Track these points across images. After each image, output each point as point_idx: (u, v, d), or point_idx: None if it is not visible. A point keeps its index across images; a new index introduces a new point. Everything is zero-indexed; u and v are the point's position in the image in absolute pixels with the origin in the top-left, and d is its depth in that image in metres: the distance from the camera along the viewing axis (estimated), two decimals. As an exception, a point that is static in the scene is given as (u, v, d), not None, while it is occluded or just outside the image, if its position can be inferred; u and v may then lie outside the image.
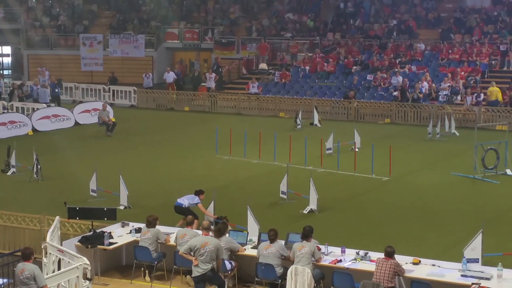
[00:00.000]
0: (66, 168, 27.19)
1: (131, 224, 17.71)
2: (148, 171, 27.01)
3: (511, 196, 22.97)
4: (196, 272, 14.70)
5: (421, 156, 29.66)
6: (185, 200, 20.09)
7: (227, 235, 15.95)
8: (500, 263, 14.24)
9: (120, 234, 17.16)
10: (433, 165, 28.03)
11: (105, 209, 17.82)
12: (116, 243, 16.69)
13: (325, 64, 45.29)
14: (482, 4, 47.94)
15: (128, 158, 29.41)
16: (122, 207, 21.33)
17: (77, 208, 17.78)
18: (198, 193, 20.38)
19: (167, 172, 26.91)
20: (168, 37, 53.44)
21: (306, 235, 15.04)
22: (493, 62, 41.98)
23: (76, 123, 38.09)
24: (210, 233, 15.26)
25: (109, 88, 46.32)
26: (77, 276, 13.93)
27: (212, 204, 18.65)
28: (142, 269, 16.53)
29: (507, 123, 31.87)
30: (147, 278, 16.42)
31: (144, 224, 16.73)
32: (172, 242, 16.40)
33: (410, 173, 26.43)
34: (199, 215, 18.76)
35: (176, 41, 53.30)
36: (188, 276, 15.88)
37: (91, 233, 16.84)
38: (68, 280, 13.95)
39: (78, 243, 16.53)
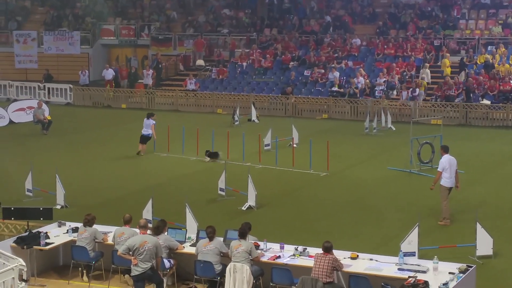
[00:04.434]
0: (0, 168, 26.73)
1: (68, 223, 17.47)
2: (85, 169, 26.74)
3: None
4: (135, 271, 14.59)
5: (358, 151, 29.92)
6: (148, 130, 28.41)
7: (165, 233, 15.86)
8: (436, 256, 14.42)
9: (57, 234, 16.91)
10: (370, 159, 28.32)
11: (41, 208, 17.57)
12: (52, 243, 16.44)
13: (263, 60, 45.39)
14: (416, 0, 48.54)
15: (65, 156, 29.08)
16: (58, 207, 21.06)
17: (12, 208, 17.50)
18: (149, 116, 28.81)
19: (104, 170, 26.68)
20: (104, 34, 52.90)
21: (243, 233, 15.02)
22: (427, 57, 42.55)
23: (11, 122, 37.55)
24: (148, 231, 15.16)
25: (44, 85, 45.73)
26: (13, 278, 13.67)
27: (150, 202, 18.52)
28: (80, 269, 16.34)
29: (441, 117, 32.34)
30: (85, 278, 16.23)
31: (81, 224, 16.53)
32: (110, 241, 16.23)
33: (348, 168, 26.65)
34: (137, 213, 18.52)
35: (112, 38, 52.77)
36: (126, 275, 15.75)
37: (27, 233, 16.56)
38: (3, 282, 13.68)
39: (14, 244, 16.23)
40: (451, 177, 19.72)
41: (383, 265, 14.61)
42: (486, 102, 36.90)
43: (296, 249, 15.42)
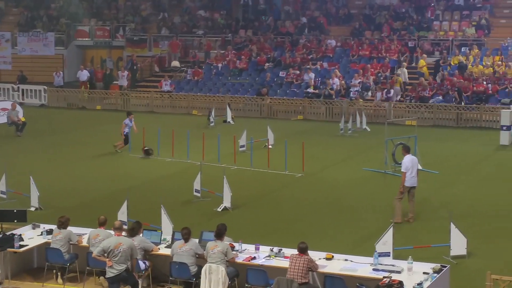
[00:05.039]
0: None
1: (42, 225, 17.38)
2: (59, 171, 26.61)
3: (421, 190, 23.30)
4: (110, 273, 14.53)
5: (333, 152, 30.01)
6: (126, 129, 29.43)
7: (140, 234, 15.82)
8: (410, 256, 14.48)
9: (31, 236, 16.82)
10: (345, 160, 28.41)
11: (15, 211, 17.48)
12: (27, 245, 16.34)
13: (238, 61, 45.40)
14: (391, 1, 48.76)
15: (39, 158, 28.93)
16: (33, 209, 20.95)
17: (-14, 211, 17.39)
18: (128, 114, 30.26)
19: (79, 172, 26.55)
20: (79, 35, 52.66)
21: (219, 234, 15.00)
22: (402, 58, 42.74)
23: (-16, 123, 37.28)
24: (123, 233, 15.11)
25: (18, 87, 45.46)
26: (-13, 281, 13.64)
27: (125, 204, 18.45)
28: (54, 271, 16.23)
29: (416, 118, 32.52)
30: (60, 280, 16.14)
31: (56, 226, 16.45)
32: (84, 243, 16.17)
33: (323, 169, 26.72)
34: (112, 215, 18.43)
35: (87, 39, 52.56)
36: (101, 277, 15.69)
37: (1, 235, 16.43)
38: (-23, 285, 13.64)
39: (-13, 246, 16.15)
40: (413, 176, 19.86)
41: (358, 266, 14.65)
42: (460, 103, 37.15)
43: (272, 250, 15.44)
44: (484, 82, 38.40)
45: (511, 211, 21.23)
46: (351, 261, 14.96)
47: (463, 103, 36.87)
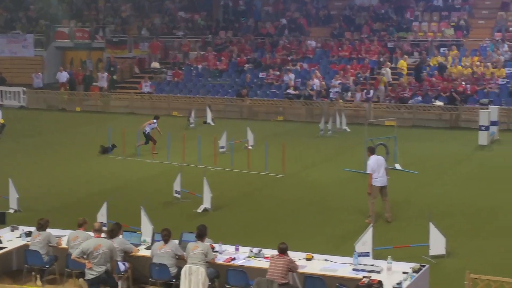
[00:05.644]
0: (-48, 172, 26.40)
1: (21, 227, 17.30)
2: (39, 173, 26.51)
3: (400, 190, 23.44)
4: (90, 275, 14.50)
5: (314, 152, 30.06)
6: (147, 128, 28.94)
7: (120, 236, 15.78)
8: (390, 256, 14.54)
9: (10, 239, 16.73)
10: (325, 161, 28.46)
11: (-6, 213, 17.40)
12: (5, 247, 16.27)
13: (218, 62, 45.38)
14: (370, 2, 48.90)
15: (19, 160, 28.79)
16: (12, 211, 20.86)
17: (-36, 213, 17.30)
18: (156, 118, 29.72)
19: (59, 174, 26.45)
20: (58, 36, 52.44)
21: (200, 235, 14.98)
22: (381, 59, 42.87)
23: (-37, 125, 37.00)
24: (102, 235, 15.07)
25: (-4, 89, 45.31)
26: (-35, 283, 13.56)
27: (105, 205, 18.40)
28: (33, 273, 16.16)
29: (395, 118, 32.63)
30: (39, 282, 16.07)
31: (35, 228, 16.38)
32: (64, 245, 16.11)
33: (303, 169, 26.75)
34: (92, 217, 18.36)
35: (66, 40, 52.35)
36: (81, 279, 15.61)
37: (-21, 238, 16.39)
38: (-44, 288, 13.56)
39: (-34, 248, 16.07)
40: (380, 176, 19.94)
41: (338, 266, 14.69)
42: (439, 103, 37.31)
43: (251, 251, 15.45)
44: (463, 83, 38.58)
45: (490, 211, 21.37)
46: (331, 261, 14.99)
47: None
